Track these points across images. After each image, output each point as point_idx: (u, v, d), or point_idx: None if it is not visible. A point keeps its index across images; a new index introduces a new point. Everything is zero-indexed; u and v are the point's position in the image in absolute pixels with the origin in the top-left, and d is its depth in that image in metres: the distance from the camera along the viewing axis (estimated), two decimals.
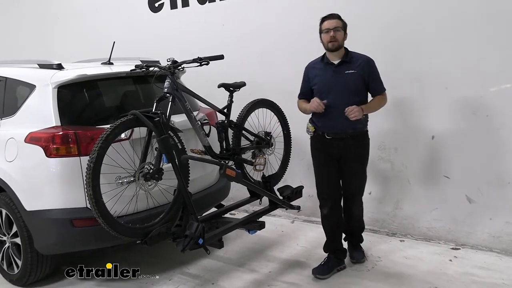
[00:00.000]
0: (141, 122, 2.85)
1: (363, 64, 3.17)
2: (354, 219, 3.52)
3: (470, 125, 3.73)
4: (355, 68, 3.15)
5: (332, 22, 3.14)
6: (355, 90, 3.16)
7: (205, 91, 3.49)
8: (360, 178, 3.41)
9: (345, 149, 3.24)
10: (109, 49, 3.90)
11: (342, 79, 3.15)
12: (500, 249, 3.68)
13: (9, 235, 3.40)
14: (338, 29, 3.13)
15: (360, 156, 3.33)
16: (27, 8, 6.91)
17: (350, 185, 3.40)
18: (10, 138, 3.22)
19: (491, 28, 3.56)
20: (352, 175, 3.36)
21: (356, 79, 3.15)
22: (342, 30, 3.15)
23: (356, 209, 3.49)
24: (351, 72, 3.15)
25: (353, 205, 3.46)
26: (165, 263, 3.70)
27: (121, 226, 2.76)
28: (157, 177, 2.89)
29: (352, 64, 3.17)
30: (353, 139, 3.23)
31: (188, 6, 5.21)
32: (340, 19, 3.17)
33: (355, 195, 3.44)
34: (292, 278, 3.39)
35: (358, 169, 3.36)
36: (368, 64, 3.19)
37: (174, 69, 3.07)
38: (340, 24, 3.15)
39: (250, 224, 3.41)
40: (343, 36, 3.16)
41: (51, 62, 3.37)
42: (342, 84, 3.15)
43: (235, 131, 3.59)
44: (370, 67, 3.19)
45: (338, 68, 3.18)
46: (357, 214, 3.51)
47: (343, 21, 3.18)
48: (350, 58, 3.18)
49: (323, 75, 3.23)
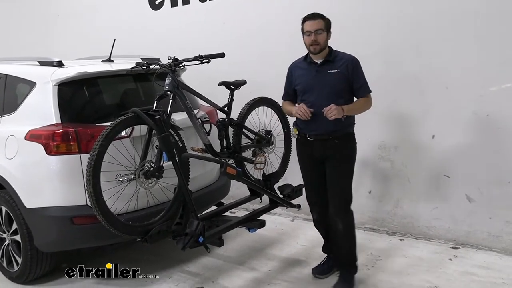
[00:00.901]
0: (142, 120, 2.84)
1: (346, 63, 2.99)
2: (341, 239, 3.12)
3: (470, 124, 3.73)
4: (338, 68, 2.99)
5: (314, 23, 2.95)
6: (338, 90, 2.99)
7: (206, 89, 3.49)
8: (343, 182, 3.08)
9: (327, 151, 3.05)
10: (109, 47, 3.90)
11: (325, 79, 3.00)
12: (500, 248, 3.69)
13: (9, 233, 3.40)
14: (319, 31, 2.94)
15: (343, 158, 3.07)
16: (27, 7, 6.90)
17: (333, 189, 3.09)
18: (10, 135, 3.22)
19: (491, 28, 3.56)
20: (334, 178, 3.09)
21: (339, 78, 2.99)
22: (324, 31, 2.96)
23: (342, 223, 3.08)
24: (334, 71, 2.99)
25: (337, 216, 3.08)
26: (165, 261, 3.70)
27: (121, 224, 2.76)
28: (158, 175, 2.89)
29: (335, 63, 3.01)
30: (336, 140, 3.03)
31: (188, 4, 5.20)
32: (322, 18, 2.98)
33: (339, 204, 3.08)
34: (292, 277, 3.39)
35: (341, 172, 3.08)
36: (352, 63, 3.00)
37: (175, 67, 3.07)
38: (322, 25, 2.96)
39: (250, 223, 3.41)
40: (325, 37, 2.98)
41: (52, 60, 3.36)
42: (324, 84, 3.00)
43: (236, 129, 3.59)
44: (353, 67, 3.00)
45: (321, 68, 3.03)
46: (343, 232, 3.09)
47: (326, 20, 2.99)
48: (333, 57, 3.02)
49: (306, 75, 3.09)
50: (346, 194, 3.11)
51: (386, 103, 4.03)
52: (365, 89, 3.06)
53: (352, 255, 3.19)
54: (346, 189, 3.11)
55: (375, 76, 3.99)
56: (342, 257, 3.21)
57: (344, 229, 3.09)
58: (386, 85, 4.04)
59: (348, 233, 3.13)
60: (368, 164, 4.23)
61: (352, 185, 3.14)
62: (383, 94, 4.03)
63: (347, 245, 3.16)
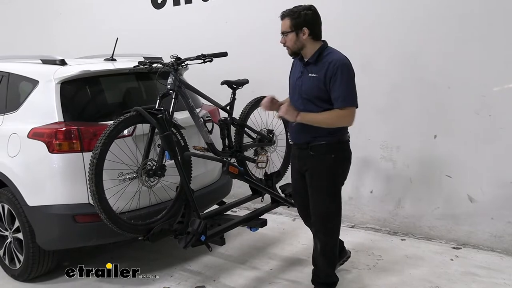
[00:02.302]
0: (144, 119, 2.85)
1: (327, 67, 2.59)
2: (318, 258, 2.89)
3: (473, 124, 3.73)
4: (318, 72, 2.62)
5: (281, 24, 2.68)
6: (312, 98, 2.65)
7: (208, 88, 3.49)
8: (319, 201, 2.76)
9: (305, 161, 2.77)
10: (111, 45, 3.90)
11: (304, 83, 2.69)
12: (502, 249, 3.68)
13: (11, 230, 3.40)
14: (285, 33, 2.66)
15: (318, 174, 2.73)
16: (29, 5, 6.91)
17: (311, 205, 2.81)
18: (13, 133, 3.23)
19: (494, 28, 3.55)
20: (312, 194, 2.79)
21: (315, 85, 2.63)
22: (292, 31, 2.63)
23: (319, 243, 2.84)
24: (313, 76, 2.64)
25: (316, 235, 2.88)
26: (166, 259, 3.71)
27: (124, 222, 2.77)
28: (160, 173, 2.90)
29: (318, 66, 2.64)
30: (311, 152, 2.71)
31: (191, 3, 5.20)
32: (290, 16, 2.63)
33: (316, 223, 2.83)
34: (293, 276, 3.40)
35: (318, 186, 2.75)
36: (333, 68, 2.57)
37: (177, 66, 3.08)
38: (288, 26, 2.63)
39: (252, 222, 3.42)
40: (294, 39, 2.64)
41: (54, 58, 3.37)
42: (302, 89, 2.70)
43: (238, 129, 3.60)
44: (334, 72, 2.56)
45: (305, 69, 2.71)
46: (320, 253, 2.86)
47: (294, 19, 2.62)
48: (317, 58, 2.65)
49: (295, 73, 2.82)
50: (322, 211, 2.78)
51: (388, 103, 4.03)
52: (342, 100, 2.57)
53: (328, 277, 2.94)
54: (321, 205, 2.77)
55: (377, 76, 4.02)
56: (319, 274, 2.95)
57: (321, 249, 2.85)
58: (388, 85, 4.04)
59: (325, 253, 2.86)
60: (370, 163, 4.23)
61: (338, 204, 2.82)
62: (385, 93, 4.05)
63: (325, 265, 2.89)
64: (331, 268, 2.95)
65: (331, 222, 2.82)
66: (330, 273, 2.95)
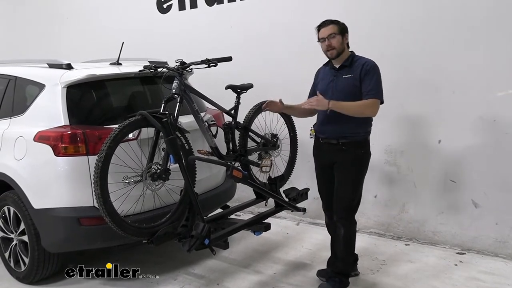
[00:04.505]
0: (149, 123, 2.87)
1: (361, 67, 2.97)
2: (340, 244, 3.12)
3: (477, 129, 3.72)
4: (353, 72, 2.99)
5: (326, 29, 2.99)
6: (349, 95, 2.97)
7: (213, 93, 3.50)
8: (346, 189, 3.05)
9: (334, 156, 3.06)
10: (117, 49, 3.93)
11: (339, 84, 3.02)
12: (506, 254, 3.67)
13: (16, 233, 3.42)
14: (332, 35, 2.97)
15: (348, 165, 3.02)
16: (35, 9, 6.97)
17: (336, 195, 3.10)
18: (19, 136, 3.25)
19: (498, 32, 3.56)
20: (338, 184, 3.08)
21: (351, 83, 2.98)
22: (338, 34, 2.98)
23: (343, 228, 3.08)
24: (348, 76, 3.00)
25: (339, 222, 3.09)
26: (170, 263, 3.72)
27: (128, 226, 2.78)
28: (164, 177, 2.91)
29: (352, 68, 3.00)
30: (343, 146, 3.02)
31: (196, 7, 5.23)
32: (335, 23, 3.00)
33: (341, 210, 3.08)
34: (296, 280, 3.40)
35: (344, 179, 3.06)
36: (366, 67, 2.96)
37: (182, 70, 3.09)
38: (336, 30, 2.98)
39: (256, 226, 3.42)
40: (341, 41, 2.99)
41: (61, 62, 3.40)
42: (338, 89, 3.02)
43: (242, 133, 3.61)
44: (367, 70, 2.95)
45: (339, 72, 3.05)
46: (342, 238, 3.08)
47: (339, 25, 3.00)
48: (351, 62, 3.02)
49: (325, 79, 3.14)
50: (348, 202, 3.07)
51: (393, 107, 4.02)
52: (371, 93, 2.94)
53: (347, 263, 3.18)
54: (348, 196, 3.06)
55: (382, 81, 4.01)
56: (338, 262, 3.17)
57: (344, 234, 3.08)
58: (393, 89, 4.01)
59: (346, 240, 3.10)
60: (374, 168, 4.21)
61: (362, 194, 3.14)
62: (389, 98, 4.02)
63: (344, 251, 3.13)
64: (350, 256, 3.19)
65: (355, 210, 3.13)
66: (348, 261, 3.19)
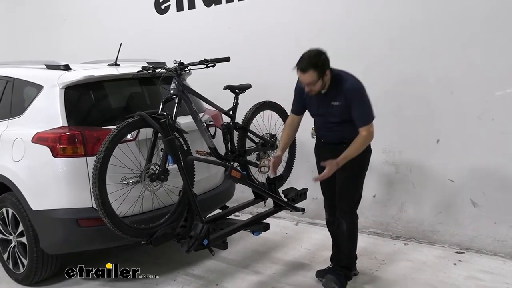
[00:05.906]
0: (148, 123, 2.87)
1: (346, 94, 2.90)
2: (343, 239, 3.18)
3: (475, 129, 3.73)
4: (339, 99, 2.93)
5: (304, 77, 2.86)
6: (343, 120, 2.99)
7: (211, 93, 3.51)
8: (348, 187, 3.11)
9: (337, 153, 2.99)
10: (115, 51, 3.93)
11: (329, 110, 3.00)
12: (505, 253, 3.67)
13: (15, 234, 3.42)
14: (311, 84, 2.87)
15: (350, 162, 2.97)
16: (34, 11, 6.97)
17: (339, 192, 3.14)
18: (17, 138, 3.25)
19: (496, 33, 3.56)
20: (340, 181, 3.11)
21: (342, 111, 2.95)
22: (318, 79, 2.84)
23: (346, 224, 3.14)
24: (337, 104, 2.95)
25: (342, 218, 3.14)
26: (169, 263, 3.72)
27: (127, 227, 2.78)
28: (163, 178, 2.91)
29: (338, 93, 2.93)
30: (346, 145, 2.99)
31: (194, 8, 5.23)
32: (313, 68, 2.80)
33: (344, 207, 3.13)
34: (296, 280, 3.40)
35: (347, 176, 3.07)
36: (350, 94, 2.90)
37: (181, 71, 3.10)
38: (315, 77, 2.82)
39: (255, 226, 3.42)
40: (320, 83, 2.88)
41: (59, 63, 3.40)
42: (330, 114, 3.01)
43: (240, 133, 3.61)
44: (352, 97, 2.90)
45: (326, 98, 2.99)
46: (346, 233, 3.15)
47: (317, 69, 2.81)
48: (336, 85, 2.93)
49: (313, 102, 3.09)
50: (351, 197, 3.13)
51: (391, 108, 4.04)
52: (362, 120, 2.92)
53: (350, 258, 3.27)
54: (351, 193, 3.12)
55: (381, 81, 4.02)
56: (341, 258, 3.24)
57: (347, 230, 3.14)
58: (391, 90, 4.05)
59: (350, 235, 3.17)
60: (372, 168, 4.18)
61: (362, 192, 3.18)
62: (388, 98, 4.05)
63: (348, 246, 3.21)
64: (354, 251, 3.26)
65: (357, 205, 3.19)
66: (352, 256, 3.27)
